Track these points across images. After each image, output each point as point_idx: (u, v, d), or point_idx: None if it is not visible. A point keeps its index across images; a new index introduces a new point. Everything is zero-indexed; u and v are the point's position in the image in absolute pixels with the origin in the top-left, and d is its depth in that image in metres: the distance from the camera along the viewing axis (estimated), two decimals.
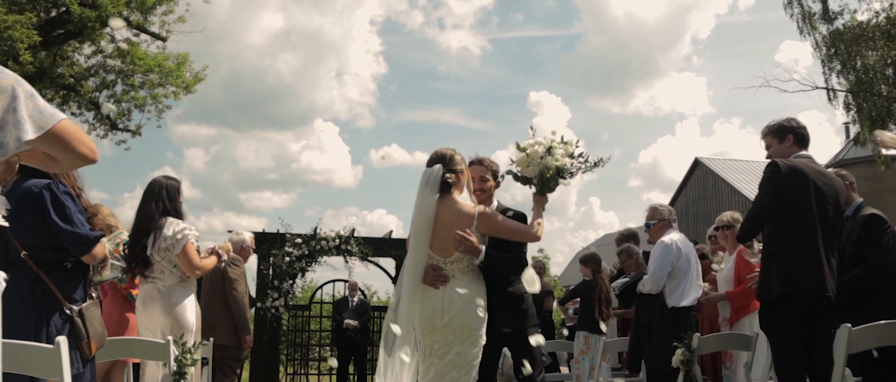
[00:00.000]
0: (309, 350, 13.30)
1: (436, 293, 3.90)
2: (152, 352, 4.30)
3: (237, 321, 6.29)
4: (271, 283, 11.63)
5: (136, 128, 18.34)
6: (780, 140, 4.42)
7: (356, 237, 11.98)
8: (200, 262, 4.89)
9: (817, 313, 4.15)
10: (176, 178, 5.00)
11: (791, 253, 4.09)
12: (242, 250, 6.83)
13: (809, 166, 4.25)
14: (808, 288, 4.07)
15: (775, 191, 4.13)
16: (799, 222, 4.12)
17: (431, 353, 3.91)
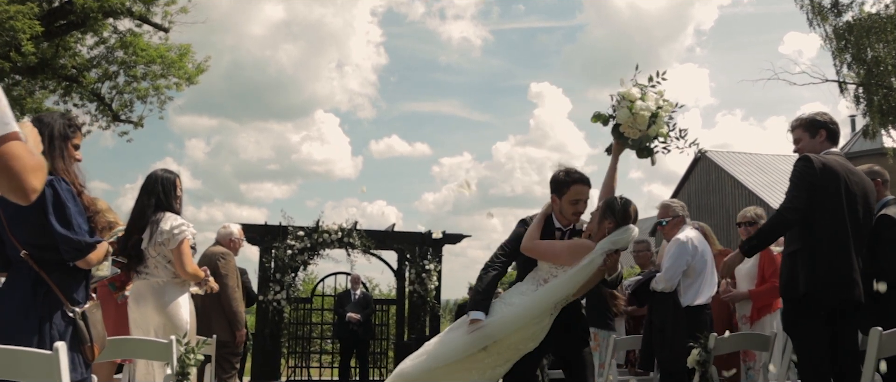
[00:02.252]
0: (310, 343, 13.21)
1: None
2: (154, 352, 4.15)
3: (230, 316, 6.15)
4: (273, 276, 11.52)
5: (138, 119, 18.22)
6: (811, 135, 4.25)
7: (358, 230, 11.87)
8: (192, 265, 4.71)
9: (844, 315, 4.03)
10: (173, 172, 4.82)
11: (819, 253, 3.94)
12: (231, 243, 6.67)
13: (840, 164, 4.09)
14: (835, 290, 3.94)
15: (809, 187, 3.98)
16: (829, 222, 3.97)
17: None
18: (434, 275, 12.24)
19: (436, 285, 12.24)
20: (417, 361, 3.99)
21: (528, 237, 4.11)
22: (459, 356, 3.93)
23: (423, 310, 12.16)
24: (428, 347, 4.08)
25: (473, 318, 3.97)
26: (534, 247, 4.09)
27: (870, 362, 3.61)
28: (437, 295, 12.29)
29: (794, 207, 3.98)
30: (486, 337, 3.94)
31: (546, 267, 4.06)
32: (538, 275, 4.09)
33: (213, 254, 6.34)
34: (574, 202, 4.13)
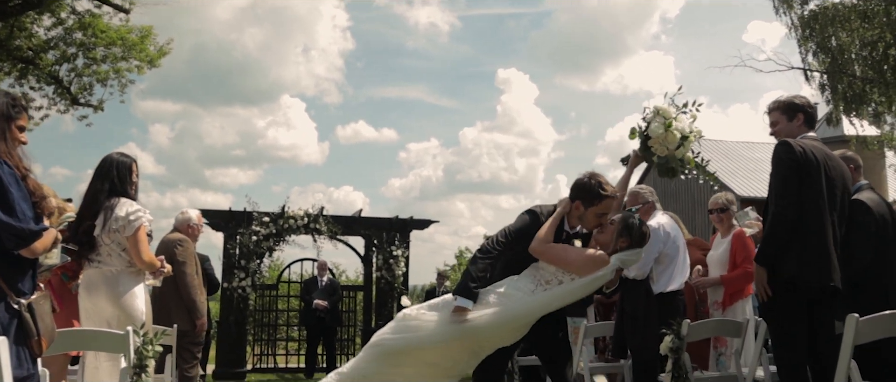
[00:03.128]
0: (277, 330, 13.04)
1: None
2: (109, 344, 3.95)
3: (189, 305, 5.96)
4: (238, 263, 11.31)
5: (98, 103, 17.72)
6: (789, 118, 4.17)
7: (325, 215, 11.70)
8: (148, 253, 4.49)
9: (821, 302, 3.98)
10: (130, 156, 4.58)
11: (799, 241, 3.89)
12: (189, 229, 6.42)
13: (820, 149, 4.03)
14: (816, 277, 3.89)
15: (794, 171, 3.91)
16: (809, 209, 3.91)
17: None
18: (401, 261, 12.12)
19: (403, 271, 12.14)
20: (398, 337, 3.82)
21: (541, 239, 3.91)
22: (442, 342, 3.79)
23: (390, 297, 12.04)
24: (409, 322, 3.89)
25: (460, 305, 3.81)
26: (545, 250, 3.91)
27: (846, 348, 3.56)
28: (404, 281, 12.19)
29: (789, 203, 3.89)
30: (475, 331, 3.80)
31: (552, 269, 3.90)
32: (540, 275, 3.92)
33: (169, 242, 6.12)
34: (600, 215, 4.01)
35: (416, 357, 3.80)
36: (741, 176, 30.96)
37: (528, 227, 4.03)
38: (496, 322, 3.78)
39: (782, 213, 3.89)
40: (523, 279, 3.94)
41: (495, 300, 3.83)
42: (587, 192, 3.95)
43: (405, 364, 3.81)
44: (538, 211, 4.11)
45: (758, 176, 32.15)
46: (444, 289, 13.14)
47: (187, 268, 5.91)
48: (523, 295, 3.84)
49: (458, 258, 42.51)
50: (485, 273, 3.93)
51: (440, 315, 3.83)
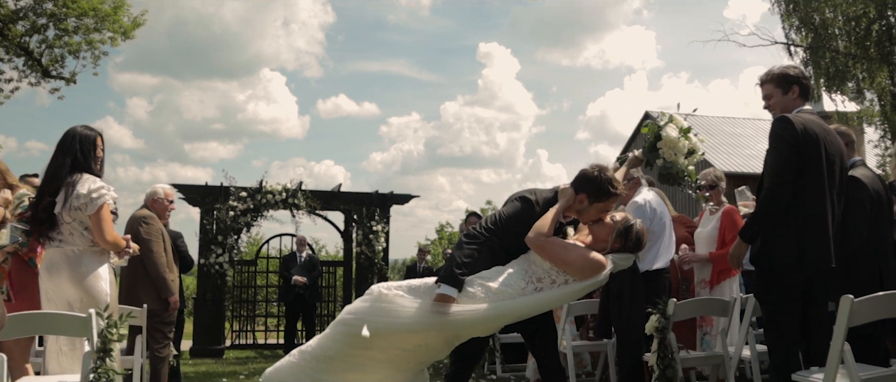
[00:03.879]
0: (255, 306, 12.87)
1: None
2: (72, 328, 3.75)
3: (157, 283, 5.73)
4: (215, 238, 11.10)
5: (70, 75, 17.28)
6: (784, 91, 4.01)
7: (303, 190, 11.50)
8: (112, 233, 4.25)
9: (816, 282, 3.88)
10: (94, 129, 4.33)
11: (800, 222, 3.75)
12: (156, 204, 6.16)
13: (818, 124, 3.88)
14: (816, 259, 3.77)
15: (793, 149, 3.77)
16: (809, 188, 3.77)
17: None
18: (382, 236, 11.97)
19: (383, 246, 11.99)
20: (372, 320, 3.57)
21: (541, 233, 3.67)
22: (420, 331, 3.59)
23: (370, 272, 11.90)
24: (385, 305, 3.61)
25: (443, 293, 3.57)
26: (544, 246, 3.65)
27: (840, 329, 3.45)
28: (385, 256, 12.05)
29: (784, 182, 3.75)
30: (458, 326, 3.60)
31: (546, 266, 3.67)
32: (532, 271, 3.68)
33: (135, 219, 5.89)
34: (604, 211, 3.84)
35: (388, 341, 3.59)
36: (722, 151, 31.01)
37: (520, 215, 3.81)
38: (481, 319, 3.58)
39: (775, 192, 3.75)
40: (514, 274, 3.70)
41: (483, 294, 3.60)
42: (596, 188, 3.75)
43: (375, 347, 3.58)
44: (533, 199, 3.87)
45: (738, 151, 32.26)
46: (425, 265, 13.00)
47: (153, 246, 5.68)
48: (513, 292, 3.63)
49: (439, 232, 42.47)
50: (471, 259, 3.71)
51: (421, 301, 3.59)
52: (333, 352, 3.60)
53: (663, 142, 4.40)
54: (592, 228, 3.82)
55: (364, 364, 3.63)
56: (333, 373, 3.61)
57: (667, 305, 4.83)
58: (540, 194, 3.95)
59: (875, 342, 4.00)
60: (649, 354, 5.03)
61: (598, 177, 3.74)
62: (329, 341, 3.65)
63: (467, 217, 9.93)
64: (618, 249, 3.74)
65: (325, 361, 3.60)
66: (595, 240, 3.78)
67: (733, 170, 30.62)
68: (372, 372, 3.64)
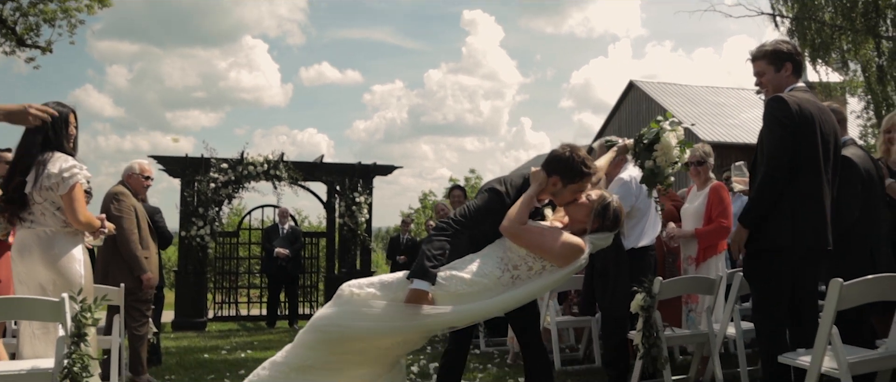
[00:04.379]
0: (237, 278, 12.78)
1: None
2: (44, 312, 3.64)
3: (129, 261, 5.60)
4: (196, 211, 10.95)
5: (46, 44, 16.87)
6: (777, 68, 3.91)
7: (285, 161, 11.36)
8: (85, 213, 4.12)
9: (808, 263, 3.84)
10: (67, 106, 4.18)
11: (795, 204, 3.69)
12: (131, 179, 6.02)
13: (813, 103, 3.80)
14: (811, 241, 3.71)
15: (789, 131, 3.68)
16: (805, 170, 3.70)
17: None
18: (365, 208, 11.87)
19: (366, 218, 11.90)
20: (347, 324, 3.41)
21: (514, 220, 3.55)
22: (397, 334, 3.51)
23: (353, 243, 11.83)
24: (359, 309, 3.45)
25: (416, 288, 3.44)
26: (519, 234, 3.54)
27: (828, 313, 3.42)
28: (368, 228, 11.96)
29: (780, 165, 3.67)
30: (429, 329, 3.51)
31: (522, 253, 3.56)
32: (508, 258, 3.57)
33: (108, 196, 5.73)
34: (579, 192, 3.70)
35: (367, 343, 3.49)
36: (705, 121, 31.05)
37: (489, 206, 3.69)
38: (459, 318, 3.49)
39: (772, 176, 3.68)
40: (489, 263, 3.58)
41: (457, 286, 3.48)
42: (568, 169, 3.63)
43: (353, 351, 3.49)
44: (502, 190, 3.74)
45: (721, 121, 32.32)
46: (408, 238, 12.92)
47: (124, 223, 5.52)
48: (489, 282, 3.52)
49: (422, 201, 42.41)
50: (441, 252, 3.60)
51: (397, 304, 3.43)
52: (311, 361, 3.49)
53: (661, 145, 4.33)
54: (569, 210, 3.72)
55: (342, 368, 3.53)
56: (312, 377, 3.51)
57: (652, 284, 4.79)
58: (510, 183, 3.82)
59: (861, 321, 3.97)
60: (634, 332, 5.01)
61: (570, 157, 3.62)
62: (304, 349, 3.51)
63: (451, 190, 9.85)
64: (596, 229, 3.64)
65: (302, 371, 3.49)
66: (572, 222, 3.68)
67: (717, 139, 30.68)
68: (349, 371, 3.56)
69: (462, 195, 9.44)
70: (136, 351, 5.73)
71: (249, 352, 7.88)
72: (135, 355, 5.73)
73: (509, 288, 3.53)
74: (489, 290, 3.51)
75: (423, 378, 5.96)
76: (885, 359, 3.65)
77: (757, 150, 3.88)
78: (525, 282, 3.55)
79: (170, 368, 6.66)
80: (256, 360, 7.20)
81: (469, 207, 3.71)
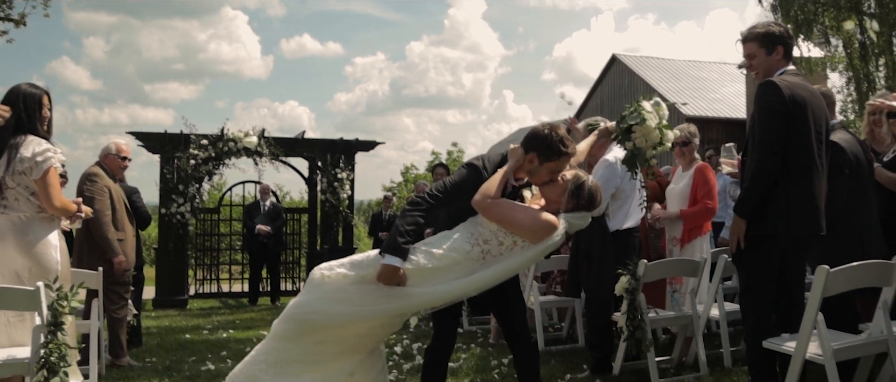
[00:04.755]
0: (219, 254, 12.68)
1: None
2: (18, 301, 3.55)
3: (101, 244, 5.48)
4: (176, 188, 10.82)
5: (19, 16, 16.44)
6: (768, 51, 3.84)
7: (267, 137, 11.22)
8: (61, 198, 4.01)
9: (798, 249, 3.84)
10: (40, 87, 4.05)
11: (789, 190, 3.65)
12: (108, 160, 5.87)
13: (805, 88, 3.75)
14: (804, 230, 3.69)
15: (782, 117, 3.62)
16: (797, 157, 3.66)
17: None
18: (347, 184, 11.80)
19: (348, 194, 11.83)
20: (321, 312, 3.38)
21: (486, 194, 3.48)
22: (371, 318, 3.46)
23: (335, 220, 11.76)
24: (332, 294, 3.42)
25: (388, 264, 3.40)
26: (490, 208, 3.47)
27: (814, 299, 3.42)
28: (350, 204, 11.89)
29: (773, 153, 3.63)
30: (406, 311, 3.48)
31: (493, 228, 3.51)
32: (479, 233, 3.51)
33: (82, 177, 5.62)
34: (556, 171, 3.63)
35: (343, 330, 3.44)
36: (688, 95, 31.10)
37: (466, 182, 3.63)
38: (433, 299, 3.45)
39: (765, 163, 3.64)
40: (460, 238, 3.53)
41: (427, 261, 3.44)
42: (546, 147, 3.56)
43: (329, 339, 3.44)
44: (480, 166, 3.68)
45: (703, 95, 32.38)
46: (390, 213, 12.86)
47: (96, 205, 5.39)
48: (459, 257, 3.46)
49: (404, 175, 42.31)
50: (414, 226, 3.55)
51: (369, 285, 3.40)
52: (289, 353, 3.44)
53: (641, 127, 4.27)
54: (544, 190, 3.66)
55: (321, 359, 3.48)
56: (294, 377, 3.45)
57: (637, 266, 4.78)
58: (488, 158, 3.78)
59: (845, 306, 3.97)
60: (618, 314, 5.00)
61: (549, 135, 3.56)
62: (280, 341, 3.46)
63: (434, 168, 9.79)
64: (571, 209, 3.59)
65: (281, 365, 3.43)
66: (547, 202, 3.62)
67: (698, 114, 30.77)
68: (329, 362, 3.51)
69: (445, 173, 9.38)
70: (116, 334, 5.66)
71: (231, 332, 7.83)
72: (114, 338, 5.66)
73: (480, 264, 3.48)
74: (459, 265, 3.47)
75: (405, 359, 5.94)
76: (868, 345, 3.67)
77: (748, 136, 3.84)
78: (496, 259, 3.50)
79: (150, 350, 6.59)
80: (238, 340, 7.17)
81: (446, 182, 3.66)
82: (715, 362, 5.20)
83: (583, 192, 3.55)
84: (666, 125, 4.36)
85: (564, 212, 3.54)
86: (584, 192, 3.55)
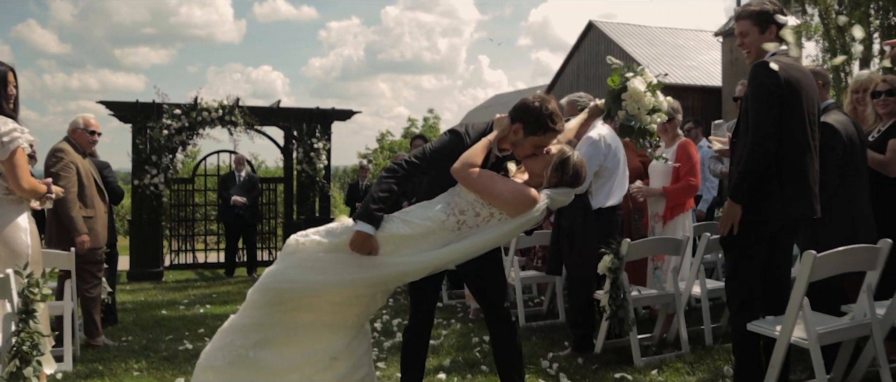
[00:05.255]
0: (194, 225, 12.52)
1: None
2: None
3: (66, 222, 5.29)
4: (149, 158, 10.61)
5: None
6: (761, 30, 3.73)
7: (241, 106, 11.02)
8: (29, 179, 3.87)
9: (788, 232, 3.81)
10: (5, 63, 3.88)
11: (782, 174, 3.59)
12: (76, 135, 5.67)
13: (799, 71, 3.66)
14: (797, 213, 3.64)
15: (777, 100, 3.54)
16: (792, 140, 3.59)
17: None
18: (323, 154, 11.66)
19: (325, 164, 11.69)
20: (294, 281, 3.30)
21: (466, 162, 3.37)
22: (344, 287, 3.37)
23: (312, 190, 11.63)
24: (306, 262, 3.33)
25: (360, 230, 3.31)
26: (469, 176, 3.36)
27: (800, 284, 3.40)
28: (326, 174, 11.76)
29: (767, 135, 3.55)
30: (378, 281, 3.39)
31: (471, 198, 3.41)
32: (455, 203, 3.42)
33: (48, 153, 5.44)
34: (540, 146, 3.51)
35: (316, 298, 3.36)
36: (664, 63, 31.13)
37: (446, 149, 3.50)
38: (406, 270, 3.38)
39: (760, 147, 3.57)
40: (437, 209, 3.43)
41: (400, 228, 3.36)
42: (534, 120, 3.45)
43: (302, 307, 3.36)
44: (462, 132, 3.57)
45: (680, 62, 32.44)
46: (367, 183, 12.72)
47: (61, 182, 5.17)
48: (434, 225, 3.37)
49: (380, 141, 42.08)
50: (388, 194, 3.44)
51: (341, 253, 3.32)
52: (265, 332, 3.33)
53: (628, 93, 4.19)
54: (527, 163, 3.55)
55: (300, 332, 3.40)
56: (269, 347, 3.37)
57: (620, 245, 4.75)
58: (472, 126, 3.67)
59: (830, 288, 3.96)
60: (601, 292, 4.99)
61: (539, 108, 3.44)
62: (256, 311, 3.34)
63: (413, 140, 9.68)
64: (555, 184, 3.51)
65: (259, 347, 3.34)
66: (531, 176, 3.52)
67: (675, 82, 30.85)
68: (307, 342, 3.43)
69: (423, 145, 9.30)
70: (90, 314, 5.54)
71: (209, 307, 7.73)
72: (88, 317, 5.55)
73: (455, 234, 3.39)
74: (434, 235, 3.38)
75: (386, 336, 5.90)
76: (852, 329, 3.67)
77: (740, 118, 3.77)
78: (473, 231, 3.40)
79: (126, 328, 6.48)
80: (215, 316, 7.07)
81: (425, 149, 3.55)
82: (696, 339, 5.21)
83: (567, 168, 3.45)
84: (656, 85, 4.27)
85: (547, 188, 3.46)
86: (569, 168, 3.45)
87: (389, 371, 4.80)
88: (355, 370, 3.56)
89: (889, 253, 3.68)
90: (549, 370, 4.73)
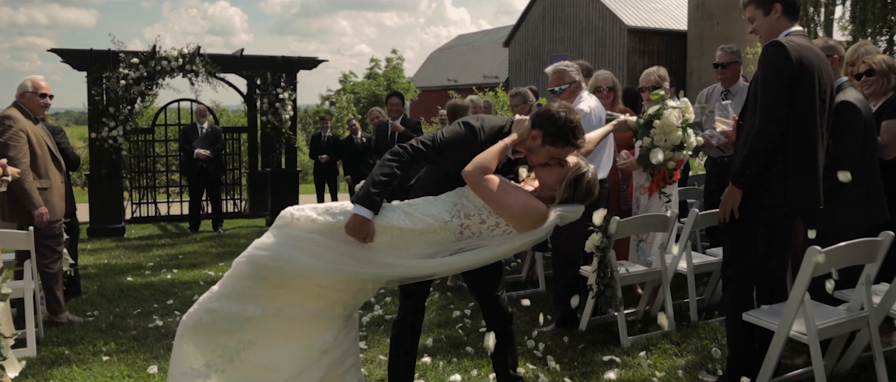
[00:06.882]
0: (155, 176, 12.14)
1: None
2: None
3: (19, 195, 4.95)
4: (106, 110, 10.16)
5: None
6: (765, 11, 3.57)
7: (202, 54, 10.58)
8: None
9: (789, 221, 3.71)
10: None
11: (788, 161, 3.45)
12: (25, 99, 5.28)
13: (812, 51, 3.48)
14: (802, 202, 3.52)
15: (787, 81, 3.37)
16: (801, 124, 3.44)
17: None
18: (289, 105, 11.32)
19: (291, 115, 11.36)
20: (284, 259, 3.14)
21: (480, 168, 3.19)
22: (338, 274, 3.19)
23: (278, 141, 11.31)
24: (300, 242, 3.17)
25: (357, 213, 3.13)
26: (480, 184, 3.18)
27: (802, 280, 3.31)
28: (292, 125, 11.43)
29: (776, 119, 3.39)
30: (370, 278, 3.26)
31: (480, 204, 3.22)
32: (462, 205, 3.24)
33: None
34: (556, 157, 3.31)
35: (304, 278, 3.20)
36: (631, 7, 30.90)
37: (459, 140, 3.31)
38: (403, 273, 3.23)
39: (768, 130, 3.40)
40: (440, 205, 3.27)
41: (401, 221, 3.21)
42: (556, 130, 3.24)
43: (289, 285, 3.21)
44: (477, 126, 3.36)
45: (646, 4, 32.23)
46: (329, 135, 12.31)
47: (10, 152, 4.87)
48: (436, 224, 3.19)
49: (343, 82, 41.35)
50: (389, 178, 3.25)
51: (334, 238, 3.16)
52: (245, 290, 3.19)
53: (661, 123, 4.03)
54: (540, 172, 3.37)
55: (286, 327, 3.24)
56: (268, 350, 3.21)
57: (608, 223, 4.62)
58: (488, 121, 3.46)
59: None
60: (587, 268, 4.88)
61: (565, 120, 3.24)
62: (242, 281, 3.21)
63: (388, 98, 9.39)
64: (566, 200, 3.33)
65: (233, 297, 3.19)
66: (542, 186, 3.34)
67: (638, 24, 30.72)
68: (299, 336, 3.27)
69: (400, 103, 9.05)
70: (51, 290, 5.26)
71: (176, 272, 7.48)
72: (50, 294, 5.27)
73: (455, 238, 3.24)
74: (434, 234, 3.22)
75: (365, 309, 5.75)
76: (851, 322, 3.61)
77: (747, 99, 3.61)
78: (475, 239, 3.25)
79: (91, 300, 6.20)
80: (184, 283, 6.84)
81: (435, 137, 3.34)
82: (681, 313, 5.15)
83: (581, 185, 3.28)
84: (690, 125, 4.15)
85: (559, 204, 3.29)
86: (583, 185, 3.28)
87: (371, 354, 4.67)
88: (342, 360, 3.43)
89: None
90: (535, 351, 4.62)
